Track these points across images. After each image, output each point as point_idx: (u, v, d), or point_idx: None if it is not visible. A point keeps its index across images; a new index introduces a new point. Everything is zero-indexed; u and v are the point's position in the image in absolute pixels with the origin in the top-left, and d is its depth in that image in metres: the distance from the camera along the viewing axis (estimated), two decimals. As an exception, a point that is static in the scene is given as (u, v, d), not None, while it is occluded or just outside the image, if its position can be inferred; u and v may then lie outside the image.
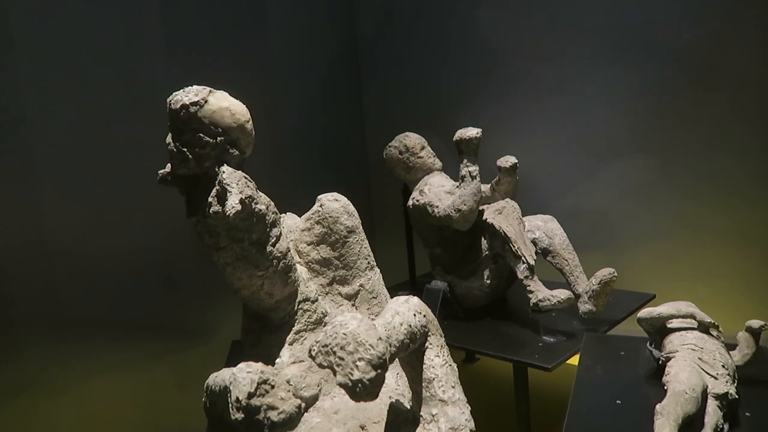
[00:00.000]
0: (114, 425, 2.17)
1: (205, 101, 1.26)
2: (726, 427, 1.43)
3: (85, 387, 2.11)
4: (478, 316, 2.56)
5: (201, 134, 1.27)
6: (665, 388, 1.46)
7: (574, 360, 1.94)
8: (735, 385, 1.54)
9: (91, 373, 2.11)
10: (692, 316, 1.71)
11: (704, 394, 1.45)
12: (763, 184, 2.67)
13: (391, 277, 1.75)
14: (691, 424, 1.37)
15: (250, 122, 1.34)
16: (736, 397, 1.51)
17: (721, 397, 1.47)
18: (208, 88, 1.29)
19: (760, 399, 1.59)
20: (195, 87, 1.29)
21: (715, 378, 1.51)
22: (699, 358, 1.56)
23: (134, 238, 2.22)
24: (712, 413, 1.42)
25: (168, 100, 1.29)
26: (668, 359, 1.62)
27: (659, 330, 1.77)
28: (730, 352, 1.67)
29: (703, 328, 1.70)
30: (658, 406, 1.35)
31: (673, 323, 1.74)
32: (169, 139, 1.31)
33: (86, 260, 2.12)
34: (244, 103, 1.36)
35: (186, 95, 1.26)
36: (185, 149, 1.28)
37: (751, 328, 1.68)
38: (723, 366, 1.56)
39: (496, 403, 2.48)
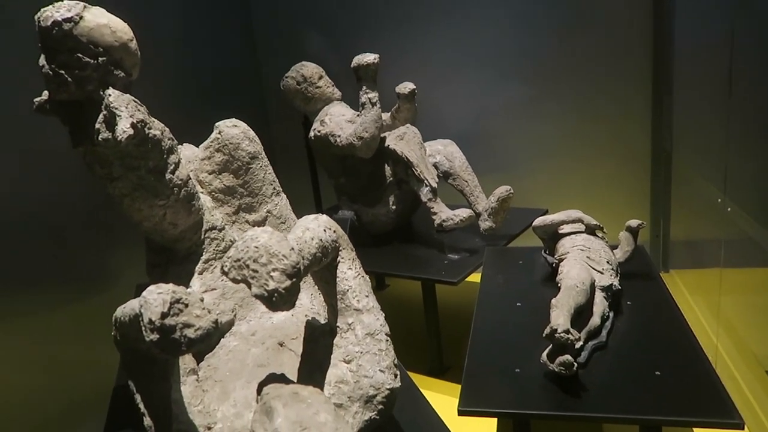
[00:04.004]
0: (11, 385, 2.04)
1: (80, 17, 1.15)
2: (611, 314, 1.59)
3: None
4: (386, 242, 2.63)
5: (79, 54, 1.16)
6: (559, 285, 1.59)
7: (478, 277, 2.05)
8: (618, 278, 1.71)
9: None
10: (580, 221, 1.85)
11: (592, 287, 1.60)
12: (641, 102, 2.88)
13: (297, 212, 1.73)
14: (582, 314, 1.51)
15: (134, 41, 1.24)
16: (619, 288, 1.68)
17: (607, 289, 1.63)
18: (82, 3, 1.17)
19: (638, 289, 1.77)
20: (67, 2, 1.16)
21: (601, 273, 1.67)
22: (587, 257, 1.71)
23: (9, 181, 2.00)
24: (599, 303, 1.58)
25: (36, 17, 1.16)
26: (561, 261, 1.76)
27: (552, 236, 1.90)
28: (614, 250, 1.84)
29: (590, 230, 1.86)
30: (553, 300, 1.47)
31: (564, 228, 1.88)
32: (42, 61, 1.19)
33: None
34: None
35: (57, 11, 1.14)
36: (63, 72, 1.17)
37: (630, 227, 1.86)
38: (607, 262, 1.72)
39: (408, 324, 2.59)
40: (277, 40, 3.51)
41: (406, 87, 2.50)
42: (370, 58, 2.32)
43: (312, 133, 2.69)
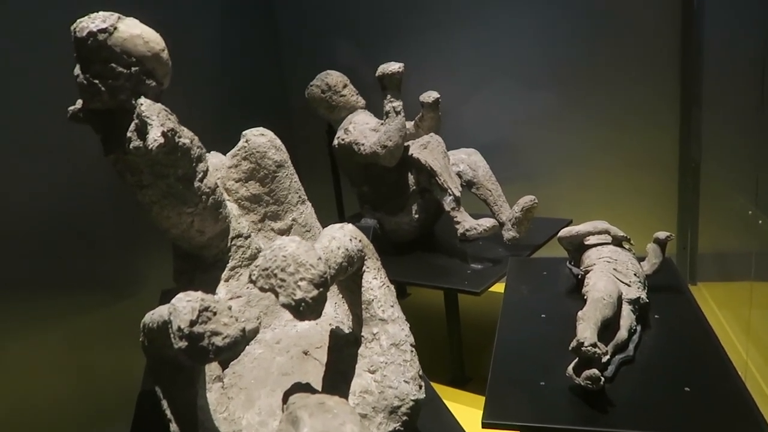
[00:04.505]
0: (38, 387, 2.07)
1: (114, 28, 1.18)
2: (638, 328, 1.56)
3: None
4: (409, 250, 2.62)
5: (113, 64, 1.19)
6: (585, 298, 1.57)
7: (501, 287, 2.04)
8: (645, 291, 1.67)
9: (4, 335, 1.96)
10: (607, 232, 1.83)
11: (619, 300, 1.57)
12: (669, 111, 2.84)
13: (320, 220, 1.75)
14: (608, 327, 1.48)
15: (166, 51, 1.27)
16: (647, 301, 1.64)
17: (634, 302, 1.60)
18: (117, 14, 1.20)
19: (666, 303, 1.74)
20: (102, 13, 1.19)
21: (629, 285, 1.64)
22: (614, 269, 1.68)
23: (40, 186, 2.04)
24: (627, 316, 1.55)
25: (72, 27, 1.19)
26: (587, 273, 1.73)
27: (578, 247, 1.88)
28: (641, 263, 1.81)
29: (617, 242, 1.83)
30: (579, 313, 1.44)
31: (590, 240, 1.85)
32: (77, 71, 1.22)
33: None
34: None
35: (92, 21, 1.17)
36: (96, 81, 1.20)
37: (658, 239, 1.83)
38: (635, 274, 1.69)
39: (430, 334, 2.56)
40: (303, 49, 3.54)
41: (430, 96, 2.50)
42: (394, 67, 2.33)
43: (336, 141, 2.70)
